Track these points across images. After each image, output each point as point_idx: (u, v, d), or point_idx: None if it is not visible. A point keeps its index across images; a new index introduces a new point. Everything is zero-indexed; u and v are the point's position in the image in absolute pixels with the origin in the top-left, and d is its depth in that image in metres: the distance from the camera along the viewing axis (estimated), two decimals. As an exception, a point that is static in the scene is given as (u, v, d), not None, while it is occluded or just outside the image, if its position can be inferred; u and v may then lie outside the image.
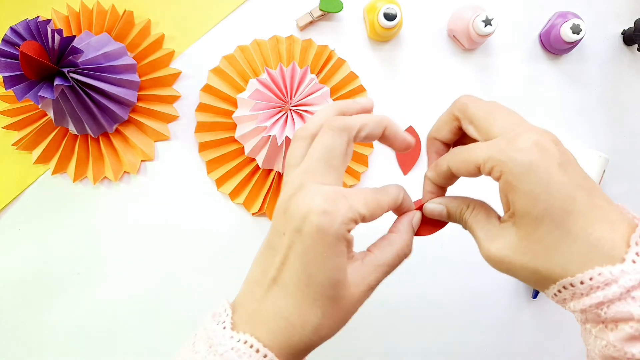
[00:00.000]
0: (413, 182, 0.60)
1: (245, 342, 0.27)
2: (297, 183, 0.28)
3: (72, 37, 0.47)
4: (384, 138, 0.32)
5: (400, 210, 0.34)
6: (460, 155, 0.30)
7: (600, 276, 0.25)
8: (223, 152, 0.58)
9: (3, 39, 0.47)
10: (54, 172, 0.58)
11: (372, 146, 0.59)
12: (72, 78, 0.49)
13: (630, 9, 0.62)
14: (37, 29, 0.46)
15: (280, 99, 0.53)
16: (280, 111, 0.52)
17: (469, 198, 0.33)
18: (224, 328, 0.28)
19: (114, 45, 0.55)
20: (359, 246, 0.30)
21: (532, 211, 0.27)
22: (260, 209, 0.58)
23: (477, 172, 0.29)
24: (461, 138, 0.34)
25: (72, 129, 0.55)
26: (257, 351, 0.27)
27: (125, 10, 0.56)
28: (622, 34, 0.62)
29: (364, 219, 0.28)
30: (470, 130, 0.31)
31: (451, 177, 0.33)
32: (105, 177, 0.58)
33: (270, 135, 0.51)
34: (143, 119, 0.57)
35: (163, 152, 0.59)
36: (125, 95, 0.55)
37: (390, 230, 0.33)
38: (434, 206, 0.34)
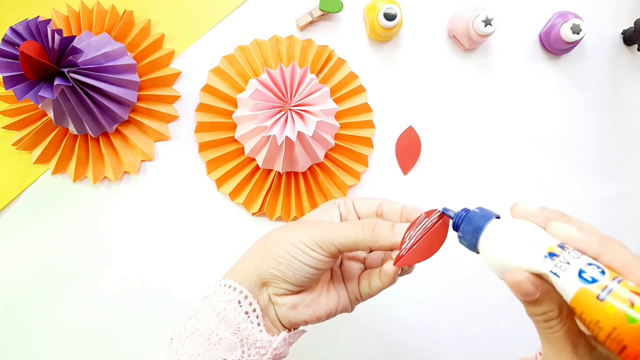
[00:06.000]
0: (413, 183, 0.61)
1: (225, 285, 0.37)
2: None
3: (72, 37, 0.47)
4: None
5: (376, 248, 0.36)
6: None
7: None
8: (223, 152, 0.57)
9: (3, 39, 0.47)
10: (54, 172, 0.58)
11: (372, 146, 0.59)
12: (72, 78, 0.49)
13: (630, 9, 0.62)
14: (37, 29, 0.46)
15: (280, 99, 0.52)
16: (280, 111, 0.52)
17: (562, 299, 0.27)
18: (215, 285, 0.39)
19: (114, 45, 0.55)
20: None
21: None
22: (260, 209, 0.58)
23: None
24: None
25: (72, 129, 0.55)
26: (235, 289, 0.37)
27: (125, 10, 0.56)
28: (622, 34, 0.62)
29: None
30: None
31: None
32: (105, 177, 0.58)
33: (270, 135, 0.51)
34: (143, 119, 0.57)
35: (163, 152, 0.59)
36: (125, 95, 0.55)
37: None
38: (521, 277, 0.27)
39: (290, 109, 0.52)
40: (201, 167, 0.59)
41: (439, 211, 0.35)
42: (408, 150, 0.60)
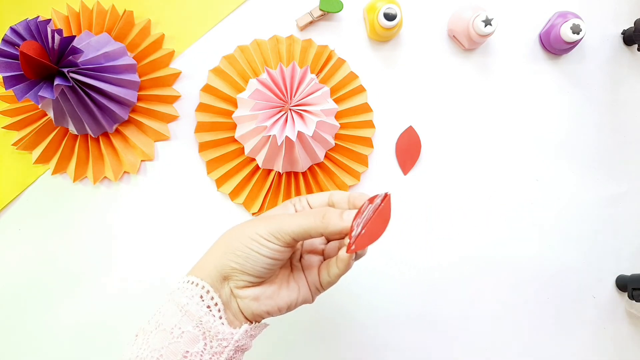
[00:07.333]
0: (413, 183, 0.61)
1: (188, 281, 0.39)
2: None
3: (72, 37, 0.47)
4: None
5: (330, 236, 0.38)
6: None
7: None
8: (223, 152, 0.58)
9: (3, 39, 0.47)
10: (54, 172, 0.58)
11: (372, 146, 0.59)
12: (72, 78, 0.49)
13: (630, 9, 0.62)
14: (37, 29, 0.46)
15: (280, 99, 0.53)
16: (280, 111, 0.52)
17: None
18: (178, 282, 0.40)
19: (114, 45, 0.55)
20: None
21: None
22: (260, 209, 0.58)
23: None
24: None
25: (72, 129, 0.55)
26: (197, 285, 0.38)
27: (125, 10, 0.57)
28: (622, 34, 0.62)
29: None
30: None
31: None
32: (105, 177, 0.58)
33: (270, 135, 0.51)
34: (143, 119, 0.57)
35: (163, 152, 0.59)
36: (125, 95, 0.55)
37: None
38: None
39: (290, 109, 0.52)
40: (201, 167, 0.59)
41: (380, 195, 0.37)
42: (408, 150, 0.60)
